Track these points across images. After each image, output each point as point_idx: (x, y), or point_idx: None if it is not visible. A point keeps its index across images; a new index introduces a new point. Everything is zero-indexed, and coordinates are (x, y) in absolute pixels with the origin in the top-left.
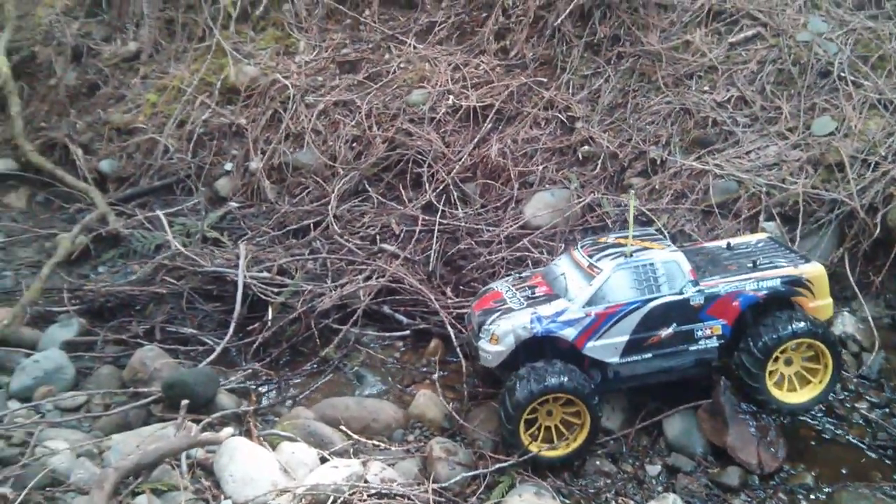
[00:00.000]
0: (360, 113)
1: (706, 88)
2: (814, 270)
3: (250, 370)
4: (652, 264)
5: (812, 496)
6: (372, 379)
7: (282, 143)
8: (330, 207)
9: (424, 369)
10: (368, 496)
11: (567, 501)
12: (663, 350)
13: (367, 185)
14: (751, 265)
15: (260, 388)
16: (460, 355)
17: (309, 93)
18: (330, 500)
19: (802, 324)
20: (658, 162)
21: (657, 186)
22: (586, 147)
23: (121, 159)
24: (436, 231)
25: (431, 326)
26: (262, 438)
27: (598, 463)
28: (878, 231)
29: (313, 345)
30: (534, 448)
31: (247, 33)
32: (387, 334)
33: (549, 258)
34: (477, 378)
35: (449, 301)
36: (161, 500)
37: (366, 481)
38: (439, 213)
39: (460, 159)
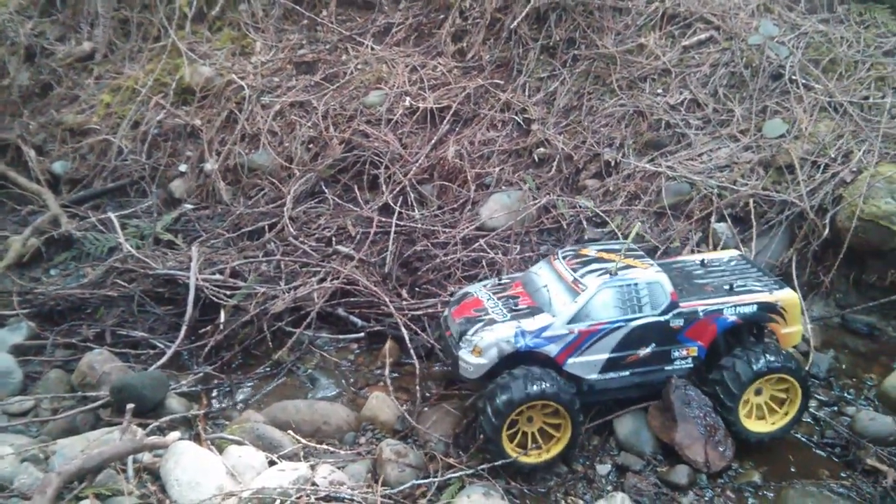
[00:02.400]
0: (316, 114)
1: (660, 91)
2: (788, 298)
3: (202, 374)
4: (636, 284)
5: (760, 494)
6: (325, 382)
7: (237, 144)
8: (285, 209)
9: (378, 372)
10: (316, 499)
11: (517, 502)
12: (640, 368)
13: (323, 187)
14: (727, 288)
15: (211, 392)
16: (414, 357)
17: (265, 93)
18: None
19: (775, 359)
20: (612, 164)
21: (611, 188)
22: (542, 149)
23: (74, 161)
24: (392, 232)
25: (386, 328)
26: (209, 442)
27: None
28: (827, 232)
29: (266, 348)
30: (514, 454)
31: (202, 33)
32: (341, 337)
33: (499, 258)
34: (431, 380)
35: (404, 303)
36: None
37: (314, 484)
38: (396, 215)
39: (417, 161)
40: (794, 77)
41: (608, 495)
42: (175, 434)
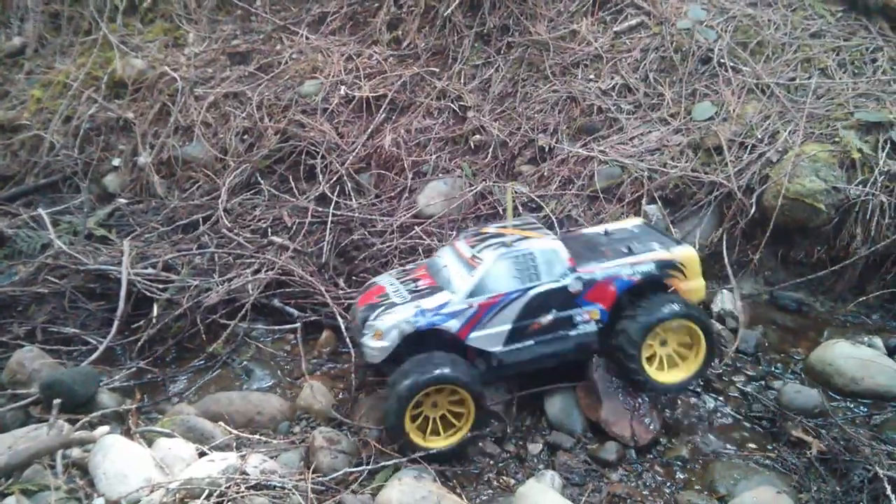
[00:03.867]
0: (251, 105)
1: (592, 77)
2: (686, 253)
3: (134, 368)
4: (531, 253)
5: (688, 467)
6: (261, 373)
7: (171, 136)
8: (220, 201)
9: (315, 361)
10: (246, 488)
11: (450, 484)
12: (544, 336)
13: (259, 178)
14: (626, 250)
15: (143, 387)
16: (350, 345)
17: (198, 85)
18: (205, 494)
19: (677, 306)
20: (546, 149)
21: (546, 173)
22: (478, 136)
23: (5, 157)
24: (329, 222)
25: (322, 318)
26: (139, 436)
27: (480, 444)
28: (754, 211)
29: (200, 341)
30: (419, 441)
31: (134, 26)
32: (277, 328)
33: (441, 245)
34: (366, 368)
35: (340, 292)
36: (31, 501)
37: (244, 474)
38: (333, 205)
39: (354, 150)
40: (722, 60)
41: (538, 473)
42: (103, 428)
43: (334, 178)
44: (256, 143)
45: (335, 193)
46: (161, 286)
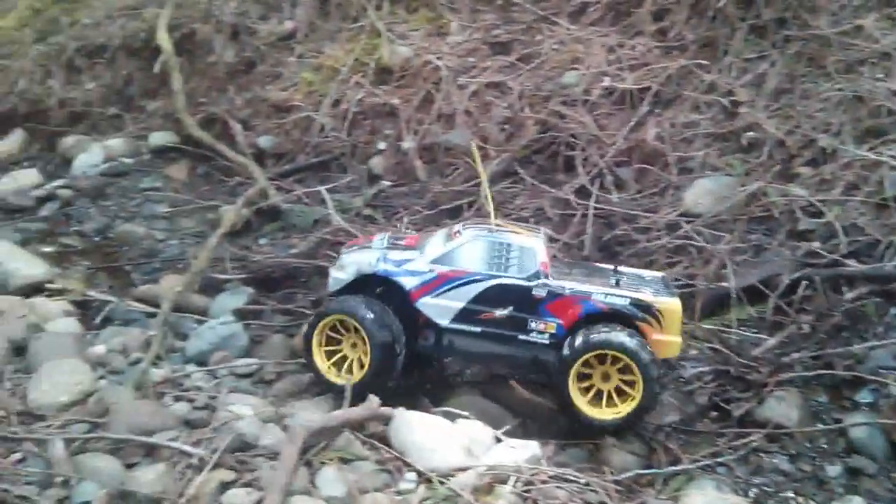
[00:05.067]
0: (512, 94)
1: (880, 76)
2: (669, 304)
3: None
4: (509, 245)
5: None
6: None
7: (434, 123)
8: (482, 188)
9: None
10: (548, 478)
11: (749, 498)
12: (494, 329)
13: (518, 168)
14: (614, 282)
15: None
16: None
17: (461, 74)
18: (511, 481)
19: (620, 338)
20: (828, 151)
21: (827, 177)
22: (751, 133)
23: (278, 136)
24: (590, 215)
25: None
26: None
27: (774, 461)
28: None
29: None
30: (331, 376)
31: (399, 14)
32: None
33: (712, 248)
34: None
35: None
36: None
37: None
38: (593, 198)
39: (615, 143)
40: None
41: (842, 498)
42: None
43: (594, 171)
44: (516, 133)
45: (595, 186)
46: None
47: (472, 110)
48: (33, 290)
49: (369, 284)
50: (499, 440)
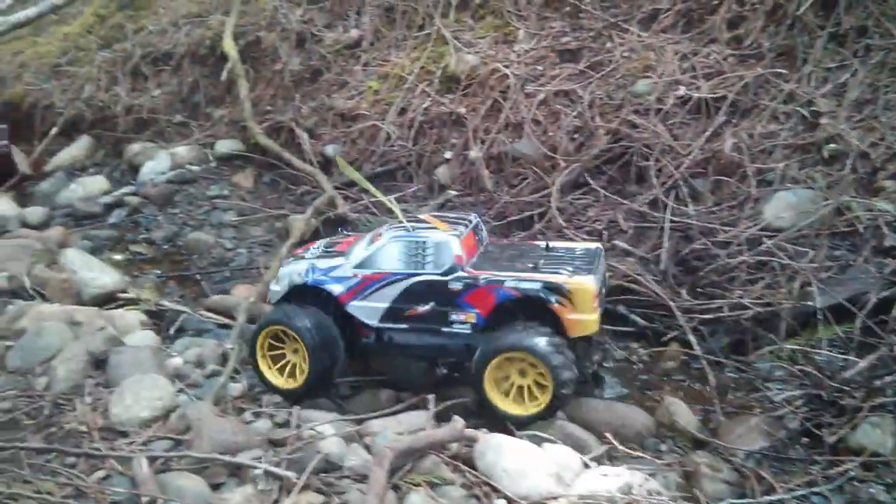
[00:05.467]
0: (581, 103)
1: None
2: (580, 283)
3: None
4: (424, 242)
5: None
6: (611, 381)
7: (501, 132)
8: (552, 199)
9: (664, 375)
10: None
11: None
12: (420, 324)
13: (588, 178)
14: (532, 266)
15: None
16: (704, 363)
17: (528, 82)
18: None
19: (529, 341)
20: None
21: None
22: (832, 145)
23: (344, 144)
24: (666, 228)
25: (670, 330)
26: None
27: (871, 490)
28: None
29: None
30: (278, 381)
31: (465, 21)
32: (623, 333)
33: (796, 264)
34: (727, 387)
35: (687, 303)
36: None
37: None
38: (669, 210)
39: (690, 153)
40: None
41: None
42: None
43: (668, 182)
44: (586, 143)
45: (670, 198)
46: None
47: (540, 119)
48: (107, 299)
49: (308, 292)
50: (587, 466)
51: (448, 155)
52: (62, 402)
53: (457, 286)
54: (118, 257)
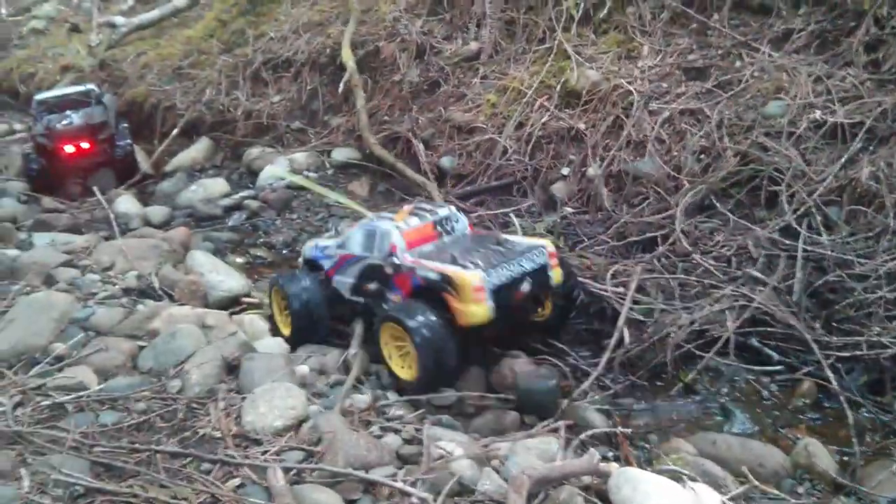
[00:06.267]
0: (709, 123)
1: None
2: (462, 276)
3: (613, 391)
4: (374, 230)
5: None
6: (741, 416)
7: (622, 150)
8: (676, 221)
9: (796, 412)
10: None
11: None
12: (372, 300)
13: (714, 201)
14: (454, 257)
15: (621, 411)
16: (843, 402)
17: (653, 99)
18: None
19: (400, 314)
20: None
21: None
22: None
23: (460, 157)
24: (799, 258)
25: (804, 365)
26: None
27: None
28: None
29: (670, 369)
30: (282, 327)
31: (588, 36)
32: (755, 368)
33: None
34: (865, 429)
35: (824, 339)
36: None
37: None
38: (801, 239)
39: (823, 180)
40: None
41: None
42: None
43: (800, 209)
44: (713, 164)
45: (802, 226)
46: (632, 306)
47: (664, 138)
48: (231, 302)
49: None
50: None
51: (566, 171)
52: (195, 406)
53: (389, 270)
54: (240, 260)
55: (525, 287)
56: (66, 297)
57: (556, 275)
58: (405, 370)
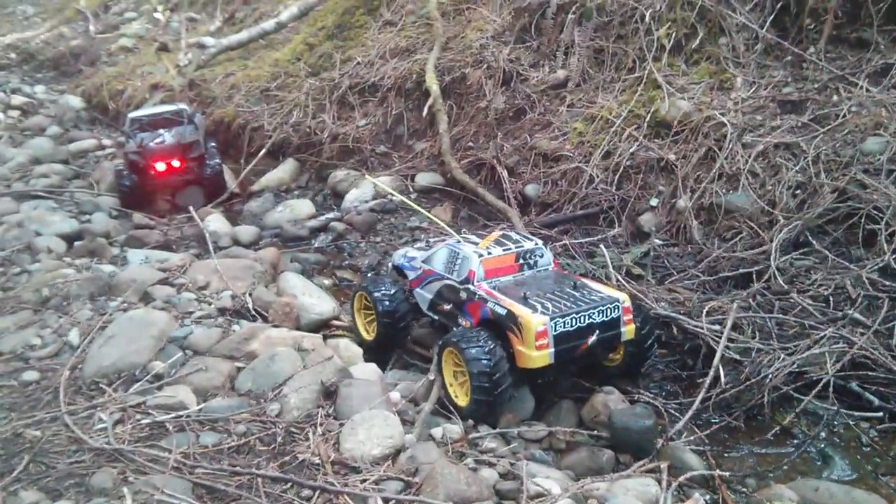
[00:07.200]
0: (805, 158)
1: None
2: (528, 318)
3: (708, 431)
4: (458, 253)
5: None
6: (841, 462)
7: (714, 182)
8: (772, 258)
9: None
10: None
11: None
12: (444, 320)
13: (809, 238)
14: (523, 297)
15: (717, 453)
16: None
17: (746, 132)
18: None
19: (462, 343)
20: None
21: None
22: None
23: (545, 185)
24: None
25: None
26: None
27: None
28: None
29: (767, 411)
30: (364, 333)
31: (679, 66)
32: (856, 413)
33: None
34: None
35: None
36: None
37: None
38: None
39: None
40: None
41: None
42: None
43: None
44: (809, 200)
45: None
46: (728, 344)
47: (758, 171)
48: (322, 325)
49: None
50: None
51: (654, 202)
52: (294, 431)
53: (463, 296)
54: (327, 282)
55: (592, 340)
56: (164, 316)
57: (628, 331)
58: (460, 397)
